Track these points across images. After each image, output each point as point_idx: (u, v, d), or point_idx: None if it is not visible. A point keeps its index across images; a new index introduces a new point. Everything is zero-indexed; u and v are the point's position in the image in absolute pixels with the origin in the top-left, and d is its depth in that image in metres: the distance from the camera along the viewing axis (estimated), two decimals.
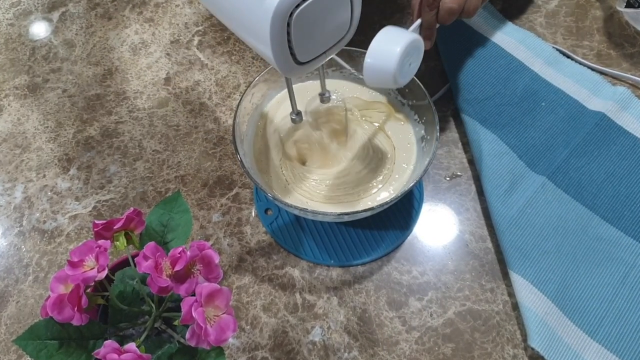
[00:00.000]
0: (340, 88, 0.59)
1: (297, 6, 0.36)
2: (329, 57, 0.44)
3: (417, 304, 0.53)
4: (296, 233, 0.57)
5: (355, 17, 0.42)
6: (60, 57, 0.73)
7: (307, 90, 0.58)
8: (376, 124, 0.57)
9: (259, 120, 0.57)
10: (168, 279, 0.36)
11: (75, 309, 0.35)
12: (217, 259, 0.37)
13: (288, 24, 0.37)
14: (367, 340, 0.52)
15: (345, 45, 0.45)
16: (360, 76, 0.54)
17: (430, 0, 0.48)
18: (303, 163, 0.55)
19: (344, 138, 0.56)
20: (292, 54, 0.39)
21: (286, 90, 0.58)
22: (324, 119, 0.56)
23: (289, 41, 0.38)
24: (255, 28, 0.37)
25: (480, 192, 0.59)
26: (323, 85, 0.51)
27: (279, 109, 0.58)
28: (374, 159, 0.54)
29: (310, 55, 0.41)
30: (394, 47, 0.44)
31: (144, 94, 0.69)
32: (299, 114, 0.50)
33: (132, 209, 0.41)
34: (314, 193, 0.53)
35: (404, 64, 0.45)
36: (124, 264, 0.43)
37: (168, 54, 0.73)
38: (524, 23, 0.73)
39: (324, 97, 0.52)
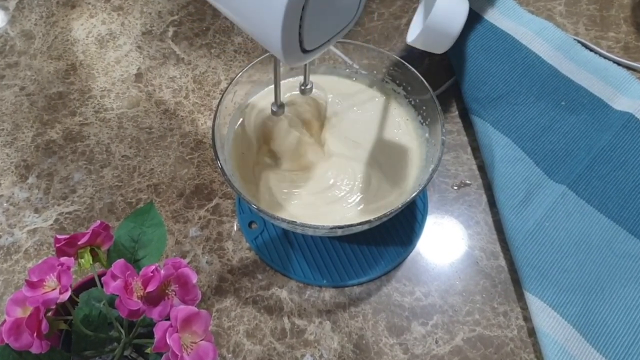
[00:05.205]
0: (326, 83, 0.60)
1: None
2: (332, 44, 0.45)
3: (421, 329, 0.54)
4: (284, 249, 0.58)
5: (362, 1, 0.43)
6: (17, 51, 0.74)
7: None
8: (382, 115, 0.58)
9: (241, 120, 0.58)
10: (139, 301, 0.36)
11: (35, 334, 0.35)
12: (194, 279, 0.38)
13: (302, 9, 0.38)
14: None
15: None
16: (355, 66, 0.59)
17: None
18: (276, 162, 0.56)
19: (318, 131, 0.57)
20: (300, 42, 0.40)
21: (271, 87, 0.59)
22: (300, 110, 0.57)
23: (299, 27, 0.39)
24: (263, 14, 0.38)
25: (492, 203, 0.60)
26: (307, 76, 0.52)
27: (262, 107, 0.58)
28: (390, 168, 0.55)
29: (317, 43, 0.42)
30: (460, 11, 0.55)
31: (112, 92, 0.70)
32: (281, 106, 0.51)
33: (98, 222, 0.42)
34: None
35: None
36: (89, 284, 0.44)
37: (139, 47, 0.74)
38: (541, 12, 0.74)
39: (306, 88, 0.53)
